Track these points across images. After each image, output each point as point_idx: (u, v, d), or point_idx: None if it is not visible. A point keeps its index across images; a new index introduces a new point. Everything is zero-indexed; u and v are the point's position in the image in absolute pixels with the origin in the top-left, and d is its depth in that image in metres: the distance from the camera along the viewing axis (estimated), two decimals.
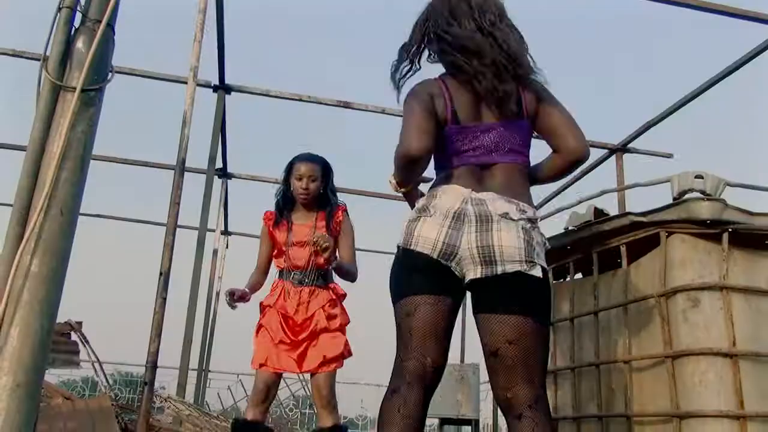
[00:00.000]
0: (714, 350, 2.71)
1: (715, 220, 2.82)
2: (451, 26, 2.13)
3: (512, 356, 1.91)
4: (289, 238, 3.36)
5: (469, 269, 1.97)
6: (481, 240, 1.94)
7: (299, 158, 3.41)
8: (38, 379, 1.45)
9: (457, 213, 1.98)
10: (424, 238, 1.99)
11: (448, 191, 2.05)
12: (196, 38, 4.07)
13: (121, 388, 12.89)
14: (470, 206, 1.98)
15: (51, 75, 1.57)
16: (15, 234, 1.49)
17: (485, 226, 1.95)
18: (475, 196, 2.01)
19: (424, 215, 2.04)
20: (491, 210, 1.97)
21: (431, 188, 2.16)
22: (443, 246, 1.97)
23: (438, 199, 2.04)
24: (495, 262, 1.93)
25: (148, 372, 3.43)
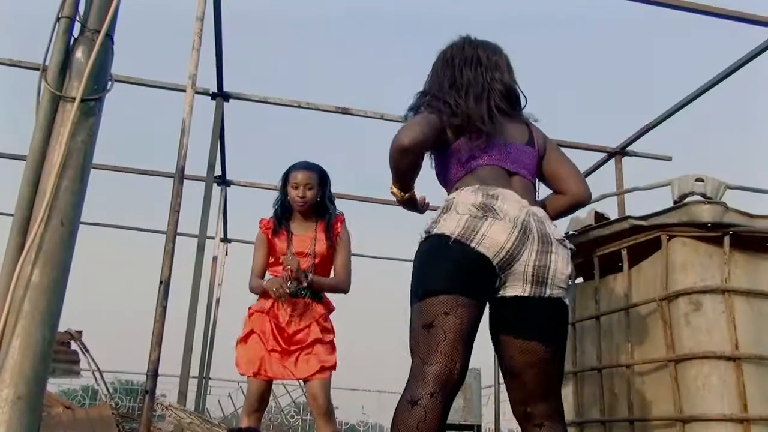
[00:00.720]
0: (717, 354, 2.71)
1: (716, 223, 2.82)
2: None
3: (536, 377, 1.94)
4: (290, 249, 3.34)
5: (516, 285, 1.92)
6: (540, 260, 1.90)
7: (295, 167, 3.40)
8: (40, 391, 1.44)
9: (524, 225, 1.92)
10: (492, 239, 1.87)
11: (507, 196, 1.97)
12: (194, 46, 4.07)
13: (121, 397, 12.84)
14: (533, 221, 1.94)
15: (50, 85, 1.56)
16: (16, 244, 1.48)
17: (546, 247, 1.92)
18: (532, 210, 1.98)
19: (492, 216, 1.91)
20: (549, 232, 1.96)
21: (470, 183, 2.05)
22: (506, 254, 1.88)
23: (500, 202, 1.95)
24: (546, 284, 1.92)
25: (149, 381, 3.41)
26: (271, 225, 3.44)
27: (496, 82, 2.20)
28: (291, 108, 6.03)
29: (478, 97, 2.14)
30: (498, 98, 2.17)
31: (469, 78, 2.18)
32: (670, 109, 5.79)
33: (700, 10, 4.59)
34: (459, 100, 2.13)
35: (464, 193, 2.00)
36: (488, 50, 2.28)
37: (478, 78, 2.18)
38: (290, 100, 6.02)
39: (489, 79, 2.19)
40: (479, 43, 2.30)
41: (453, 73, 2.22)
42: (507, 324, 1.97)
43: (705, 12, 4.60)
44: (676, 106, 5.72)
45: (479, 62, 2.23)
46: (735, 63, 5.03)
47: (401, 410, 1.79)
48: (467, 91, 2.15)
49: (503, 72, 2.24)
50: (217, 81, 5.65)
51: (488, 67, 2.22)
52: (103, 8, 1.63)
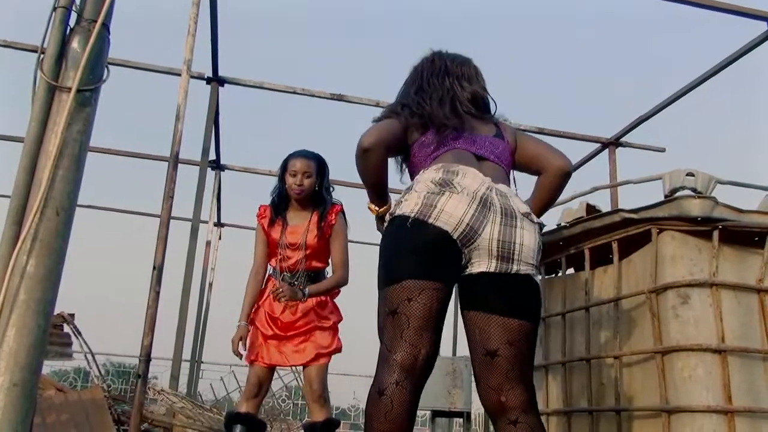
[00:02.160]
0: (703, 346, 2.74)
1: (705, 218, 2.85)
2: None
3: (510, 358, 1.87)
4: (282, 239, 3.35)
5: (482, 261, 1.89)
6: (504, 234, 1.88)
7: (294, 155, 3.39)
8: (35, 378, 1.47)
9: (484, 198, 1.89)
10: (448, 213, 1.85)
11: (467, 172, 1.96)
12: (190, 31, 4.06)
13: (113, 379, 12.89)
14: (495, 195, 1.92)
15: (46, 75, 1.57)
16: (11, 234, 1.50)
17: (510, 221, 1.89)
18: (496, 186, 1.96)
19: (449, 189, 1.89)
20: (514, 206, 1.93)
21: (438, 165, 2.02)
22: (466, 228, 1.85)
23: (460, 177, 1.93)
24: (512, 260, 1.88)
25: (141, 365, 3.44)
26: (267, 214, 3.43)
27: (463, 89, 2.25)
28: (286, 94, 6.04)
29: (442, 100, 2.19)
30: (462, 102, 2.22)
31: (434, 85, 2.25)
32: (664, 101, 5.82)
33: (699, 3, 4.61)
34: (422, 103, 2.19)
35: (426, 172, 2.00)
36: (456, 61, 2.34)
37: (444, 85, 2.24)
38: (285, 85, 6.02)
39: (455, 86, 2.25)
40: (448, 55, 2.37)
41: (420, 82, 2.29)
42: (478, 301, 1.92)
43: (703, 6, 4.62)
44: (670, 98, 5.75)
45: (447, 72, 2.29)
46: (730, 56, 5.05)
47: (370, 401, 1.81)
48: (431, 95, 2.21)
49: (471, 80, 2.30)
50: (213, 66, 5.65)
51: (456, 75, 2.28)
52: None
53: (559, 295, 3.51)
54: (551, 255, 3.55)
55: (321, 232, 3.32)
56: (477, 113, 2.24)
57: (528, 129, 6.22)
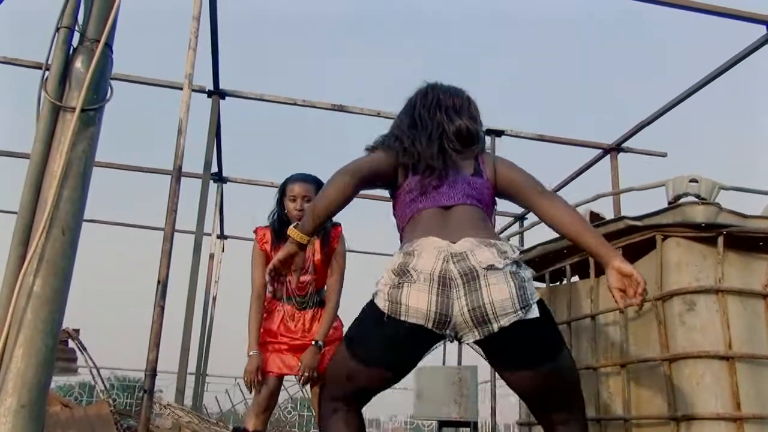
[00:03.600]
0: (711, 353, 2.73)
1: (709, 224, 2.84)
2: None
3: (542, 397, 2.02)
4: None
5: (466, 333, 1.92)
6: (472, 302, 1.87)
7: (292, 179, 3.31)
8: (42, 399, 1.46)
9: (442, 277, 1.89)
10: (414, 309, 1.89)
11: (425, 246, 1.98)
12: (191, 46, 4.08)
13: (118, 393, 12.87)
14: (452, 266, 1.90)
15: (50, 95, 1.57)
16: (17, 254, 1.50)
17: (473, 285, 1.87)
18: (455, 249, 1.94)
19: (407, 281, 1.92)
20: (474, 264, 1.89)
21: (404, 243, 2.10)
22: (436, 316, 1.88)
23: (416, 259, 1.95)
24: (489, 321, 1.86)
25: (147, 380, 3.43)
26: (267, 238, 3.35)
27: (451, 122, 2.30)
28: (287, 105, 6.05)
29: (431, 138, 2.25)
30: (450, 139, 2.27)
31: (426, 120, 2.31)
32: (665, 106, 5.82)
33: (698, 8, 4.62)
34: (414, 141, 2.25)
35: (393, 258, 2.05)
36: (448, 93, 2.39)
37: (435, 119, 2.31)
38: (286, 97, 6.03)
39: (444, 120, 2.30)
40: (441, 87, 2.43)
41: (413, 115, 2.35)
42: (490, 358, 2.05)
43: (702, 10, 4.62)
44: (671, 103, 5.75)
45: (438, 105, 2.34)
46: (730, 59, 5.05)
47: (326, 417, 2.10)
48: (421, 132, 2.28)
49: (460, 112, 2.34)
50: (213, 79, 5.65)
51: (446, 108, 2.34)
52: (102, 18, 1.65)
53: (564, 303, 3.51)
54: (555, 263, 3.55)
55: (325, 255, 3.30)
56: (461, 148, 2.28)
57: (528, 136, 6.22)
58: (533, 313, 1.89)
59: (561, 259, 3.49)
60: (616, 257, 2.08)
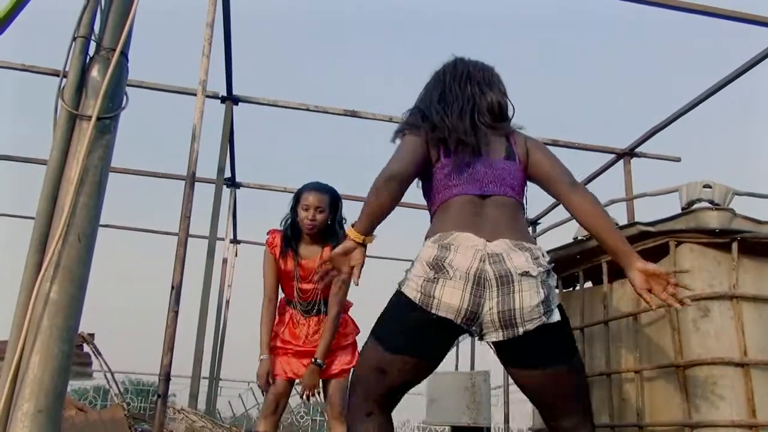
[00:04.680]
0: (725, 359, 2.72)
1: (723, 230, 2.83)
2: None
3: (549, 398, 2.01)
4: (296, 272, 3.31)
5: (490, 332, 1.95)
6: (503, 305, 1.90)
7: (307, 188, 3.31)
8: (59, 404, 1.48)
9: (478, 276, 1.92)
10: (447, 304, 1.92)
11: (461, 242, 1.98)
12: (204, 52, 4.10)
13: (132, 397, 12.94)
14: (488, 266, 1.92)
15: (67, 104, 1.60)
16: (34, 261, 1.52)
17: (506, 289, 1.91)
18: (491, 250, 1.95)
19: (442, 276, 1.94)
20: (510, 268, 1.92)
21: (436, 230, 2.09)
22: (466, 313, 1.92)
23: (452, 254, 1.96)
24: (516, 325, 1.91)
25: (161, 385, 3.46)
26: (277, 243, 3.36)
27: (483, 95, 2.27)
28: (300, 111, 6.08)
29: (462, 111, 2.21)
30: (482, 112, 2.23)
31: (456, 93, 2.27)
32: (679, 110, 5.78)
33: (710, 12, 4.59)
34: (444, 117, 2.21)
35: (425, 248, 2.03)
36: (478, 67, 2.36)
37: (466, 92, 2.26)
38: (299, 102, 6.06)
39: (476, 93, 2.27)
40: (470, 61, 2.39)
41: (443, 88, 2.31)
42: (505, 359, 2.04)
43: (714, 14, 4.60)
44: (685, 107, 5.71)
45: (469, 77, 2.30)
46: (745, 64, 5.02)
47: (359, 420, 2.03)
48: (452, 105, 2.23)
49: (491, 86, 2.31)
50: (227, 85, 5.69)
51: (477, 81, 2.30)
52: (117, 27, 1.67)
53: (577, 309, 3.49)
54: (568, 269, 3.54)
55: None
56: (493, 123, 2.25)
57: (542, 141, 6.20)
58: (555, 317, 1.95)
59: (574, 265, 3.48)
60: (638, 258, 2.10)
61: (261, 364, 3.26)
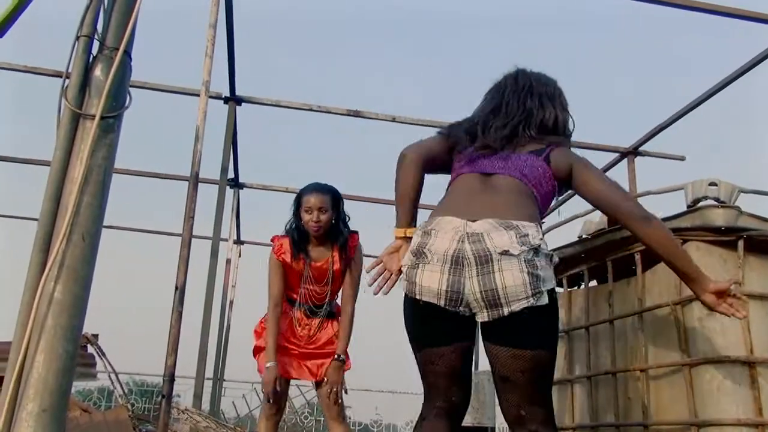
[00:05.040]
0: (731, 358, 2.70)
1: (729, 227, 2.82)
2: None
3: (524, 382, 1.95)
4: (307, 274, 3.31)
5: (477, 311, 1.94)
6: (484, 284, 1.88)
7: (307, 190, 3.29)
8: (63, 404, 1.48)
9: (455, 256, 1.92)
10: (427, 288, 1.94)
11: (442, 226, 2.00)
12: (207, 53, 4.10)
13: (136, 398, 12.95)
14: (467, 245, 1.91)
15: (71, 103, 1.59)
16: (38, 261, 1.52)
17: (486, 268, 1.89)
18: (471, 229, 1.94)
19: (422, 261, 1.97)
20: (489, 247, 1.89)
21: (422, 225, 2.11)
22: (447, 293, 1.92)
23: (432, 239, 1.98)
24: (500, 305, 1.88)
25: (165, 385, 3.45)
26: (285, 248, 3.34)
27: (542, 109, 2.27)
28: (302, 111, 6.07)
29: (506, 124, 2.23)
30: (531, 125, 2.24)
31: (513, 107, 2.27)
32: (683, 109, 5.77)
33: (715, 10, 4.58)
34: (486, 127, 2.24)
35: (414, 237, 2.08)
36: (541, 81, 2.35)
37: (526, 105, 2.26)
38: (301, 103, 6.05)
39: (535, 106, 2.27)
40: (533, 74, 2.38)
41: (500, 100, 2.31)
42: (489, 338, 2.00)
43: (719, 12, 4.58)
44: (689, 105, 5.69)
45: (530, 91, 2.30)
46: (751, 60, 5.00)
47: (416, 428, 2.06)
48: (502, 117, 2.25)
49: (554, 99, 2.31)
50: (230, 85, 5.69)
51: (540, 94, 2.29)
52: (120, 26, 1.67)
53: (582, 308, 3.48)
54: (573, 267, 3.53)
55: (343, 265, 3.30)
56: (537, 135, 2.24)
57: None
58: (543, 299, 1.91)
59: (579, 263, 3.47)
60: (709, 281, 2.16)
61: (268, 371, 3.22)
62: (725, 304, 2.13)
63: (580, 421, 3.43)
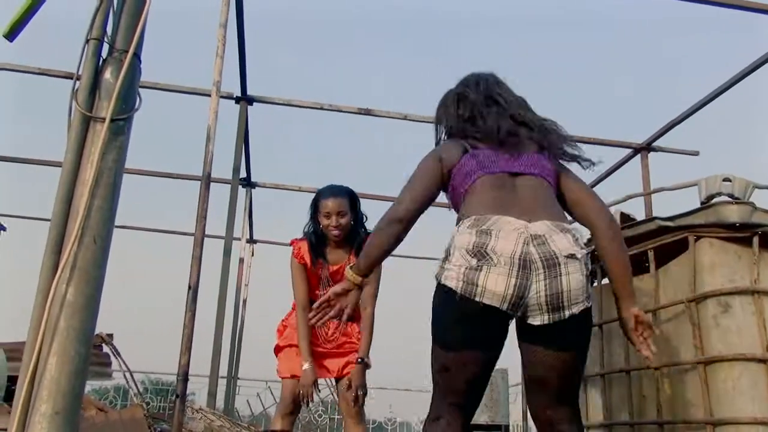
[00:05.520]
0: (747, 356, 2.68)
1: (744, 224, 2.79)
2: None
3: (559, 385, 1.98)
4: (325, 278, 3.29)
5: (535, 315, 1.91)
6: (551, 288, 1.87)
7: (325, 194, 3.25)
8: (76, 406, 1.48)
9: (523, 259, 1.87)
10: (491, 291, 1.87)
11: (502, 226, 1.93)
12: (218, 53, 4.11)
13: (152, 396, 13.03)
14: (533, 248, 1.88)
15: (81, 106, 1.60)
16: (50, 263, 1.52)
17: (553, 272, 1.87)
18: (533, 231, 1.91)
19: (486, 263, 1.89)
20: (555, 251, 1.88)
21: (469, 213, 2.03)
22: (512, 298, 1.88)
23: (495, 240, 1.91)
24: (563, 308, 1.88)
25: (179, 385, 3.47)
26: (304, 251, 3.31)
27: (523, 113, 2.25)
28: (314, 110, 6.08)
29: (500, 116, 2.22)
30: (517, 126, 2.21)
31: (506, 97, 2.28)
32: (697, 104, 5.71)
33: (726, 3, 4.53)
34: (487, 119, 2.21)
35: (460, 235, 1.98)
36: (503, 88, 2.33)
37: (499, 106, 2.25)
38: (313, 102, 6.06)
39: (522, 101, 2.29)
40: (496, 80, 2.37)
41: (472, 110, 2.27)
42: (534, 339, 1.97)
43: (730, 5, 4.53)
44: (703, 101, 5.64)
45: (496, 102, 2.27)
46: (763, 56, 4.95)
47: (428, 426, 2.02)
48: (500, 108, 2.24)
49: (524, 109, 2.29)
50: (241, 85, 5.70)
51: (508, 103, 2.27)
52: (130, 29, 1.67)
53: (595, 306, 3.45)
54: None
55: None
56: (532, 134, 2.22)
57: None
58: (591, 301, 1.96)
59: (592, 260, 3.45)
60: (635, 303, 2.14)
61: (305, 374, 3.18)
62: (642, 335, 2.12)
63: (595, 419, 3.41)
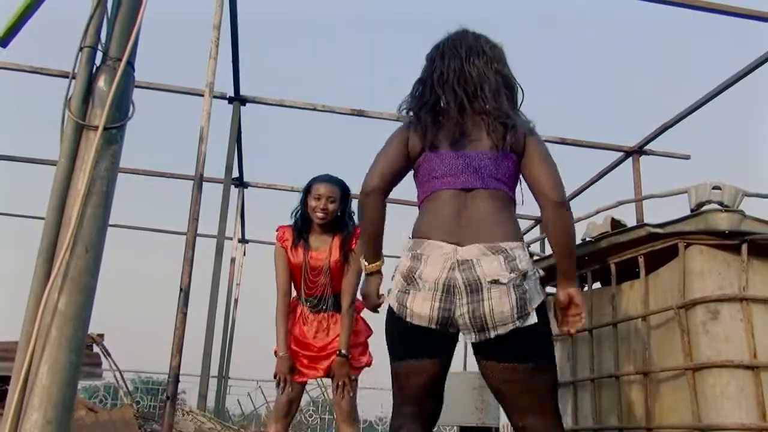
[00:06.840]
0: (735, 362, 2.70)
1: (733, 231, 2.81)
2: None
3: (514, 394, 2.02)
4: (305, 264, 3.31)
5: (466, 334, 2.00)
6: (474, 311, 1.94)
7: (318, 179, 3.33)
8: (68, 414, 1.48)
9: (446, 285, 1.97)
10: (418, 314, 2.00)
11: (431, 251, 2.02)
12: (211, 54, 4.11)
13: (142, 396, 13.00)
14: (458, 273, 1.96)
15: (74, 114, 1.60)
16: (42, 272, 1.52)
17: (476, 296, 1.94)
18: (461, 256, 1.97)
19: (413, 288, 2.01)
20: (479, 276, 1.94)
21: (416, 230, 2.13)
22: (438, 319, 1.98)
23: (423, 265, 2.01)
24: (488, 329, 1.95)
25: (170, 386, 3.48)
26: (287, 236, 3.37)
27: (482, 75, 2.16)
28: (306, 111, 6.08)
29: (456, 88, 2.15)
30: (478, 91, 2.14)
31: (454, 69, 2.18)
32: (688, 108, 5.76)
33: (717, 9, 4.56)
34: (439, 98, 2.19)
35: (402, 259, 2.10)
36: (480, 41, 2.24)
37: (464, 70, 2.17)
38: (305, 102, 6.07)
39: (475, 73, 2.16)
40: (472, 35, 2.27)
41: (442, 66, 2.20)
42: (479, 353, 2.06)
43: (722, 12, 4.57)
44: (696, 104, 5.68)
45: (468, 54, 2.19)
46: (757, 59, 4.98)
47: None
48: (448, 81, 2.17)
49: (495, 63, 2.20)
50: (234, 85, 5.71)
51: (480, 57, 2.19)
52: (124, 36, 1.67)
53: (585, 311, 3.47)
54: (577, 269, 3.52)
55: (343, 256, 3.29)
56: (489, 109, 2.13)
57: (549, 140, 6.18)
58: (531, 320, 1.96)
59: (582, 265, 3.47)
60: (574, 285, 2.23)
61: (281, 361, 3.22)
62: (571, 315, 2.20)
63: (583, 424, 3.43)
